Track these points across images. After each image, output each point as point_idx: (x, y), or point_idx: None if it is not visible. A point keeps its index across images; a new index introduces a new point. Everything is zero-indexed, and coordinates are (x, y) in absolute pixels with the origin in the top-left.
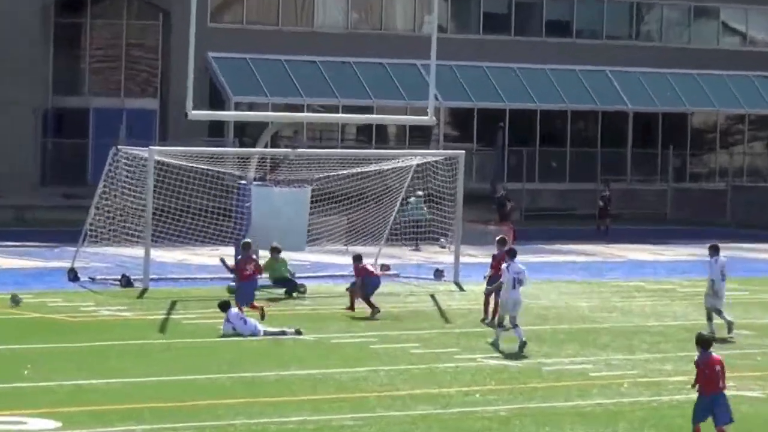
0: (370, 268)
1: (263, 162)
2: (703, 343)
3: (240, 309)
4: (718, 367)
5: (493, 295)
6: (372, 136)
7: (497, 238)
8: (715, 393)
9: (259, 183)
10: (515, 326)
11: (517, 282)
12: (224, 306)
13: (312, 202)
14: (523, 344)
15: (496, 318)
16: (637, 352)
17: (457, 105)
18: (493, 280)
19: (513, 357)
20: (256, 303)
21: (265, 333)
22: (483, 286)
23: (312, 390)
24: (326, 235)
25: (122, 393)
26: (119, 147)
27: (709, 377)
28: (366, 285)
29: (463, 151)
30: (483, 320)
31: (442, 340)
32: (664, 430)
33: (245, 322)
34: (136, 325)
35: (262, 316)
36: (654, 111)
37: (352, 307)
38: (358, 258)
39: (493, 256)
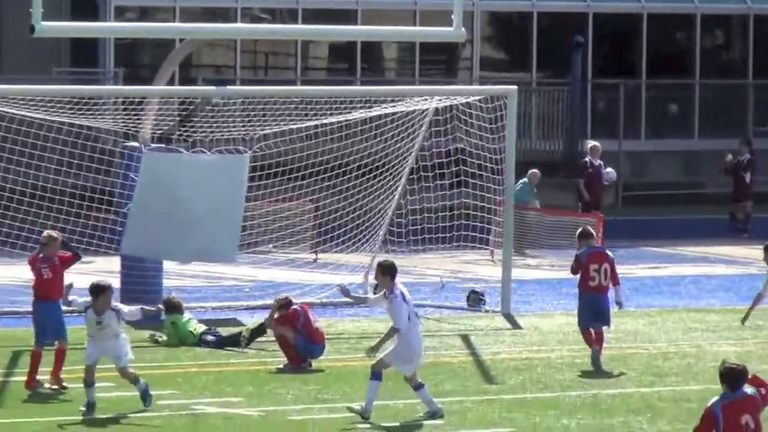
0: (313, 321)
1: (167, 110)
2: None
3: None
4: None
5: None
6: (355, 63)
7: (579, 231)
8: None
9: (160, 147)
10: (419, 387)
11: (415, 315)
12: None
13: (253, 179)
14: (434, 413)
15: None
16: None
17: (502, 6)
18: (590, 296)
19: None
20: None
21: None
22: (559, 318)
23: None
24: (281, 235)
25: None
26: None
27: None
28: (300, 347)
29: (516, 87)
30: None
31: (482, 413)
32: None
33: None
34: None
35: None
36: None
37: (295, 361)
38: (285, 304)
39: (577, 259)
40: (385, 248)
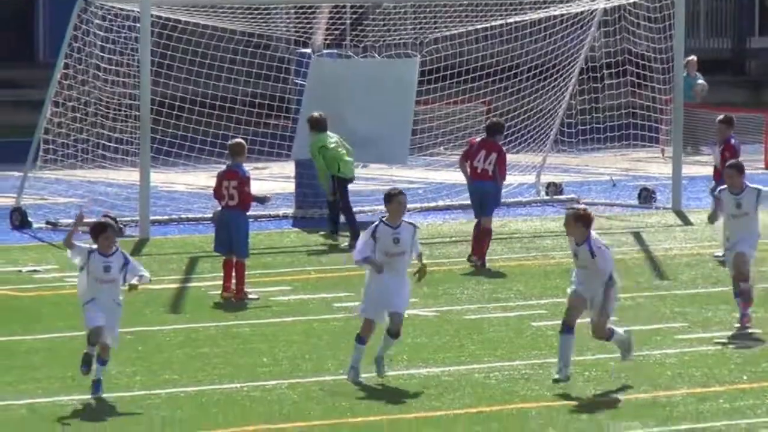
0: (477, 159)
1: (338, 16)
2: None
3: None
4: None
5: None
6: None
7: (724, 116)
8: None
9: (330, 53)
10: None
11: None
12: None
13: (425, 83)
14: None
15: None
16: None
17: None
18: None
19: None
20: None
21: None
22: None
23: (435, 401)
24: (452, 137)
25: (113, 415)
26: None
27: None
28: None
29: None
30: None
31: (654, 309)
32: None
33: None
34: (131, 301)
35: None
36: None
37: (475, 255)
38: (493, 129)
39: (737, 150)
40: (556, 148)
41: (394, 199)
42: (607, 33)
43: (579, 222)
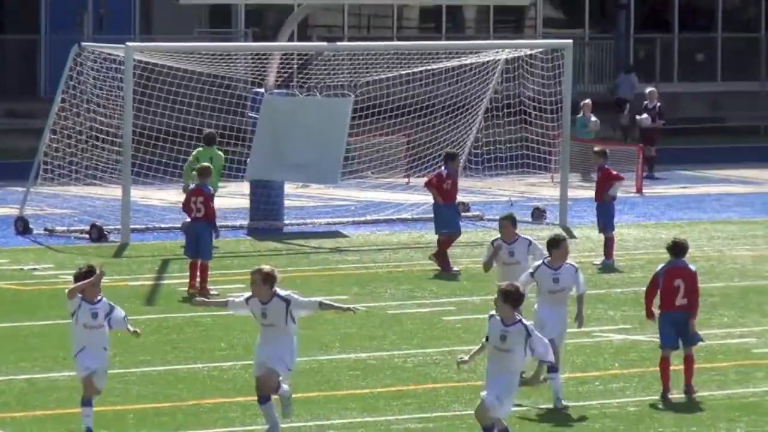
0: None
1: (288, 61)
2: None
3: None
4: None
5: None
6: (441, 22)
7: (601, 149)
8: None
9: (280, 92)
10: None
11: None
12: None
13: (357, 118)
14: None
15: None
16: None
17: None
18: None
19: (643, 330)
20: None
21: None
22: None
23: (361, 381)
24: (379, 164)
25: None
26: (83, 45)
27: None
28: (437, 215)
29: (570, 41)
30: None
31: None
32: None
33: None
34: (113, 295)
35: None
36: None
37: (437, 257)
38: (450, 157)
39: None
40: (465, 173)
41: (561, 244)
42: (508, 79)
43: (267, 283)
